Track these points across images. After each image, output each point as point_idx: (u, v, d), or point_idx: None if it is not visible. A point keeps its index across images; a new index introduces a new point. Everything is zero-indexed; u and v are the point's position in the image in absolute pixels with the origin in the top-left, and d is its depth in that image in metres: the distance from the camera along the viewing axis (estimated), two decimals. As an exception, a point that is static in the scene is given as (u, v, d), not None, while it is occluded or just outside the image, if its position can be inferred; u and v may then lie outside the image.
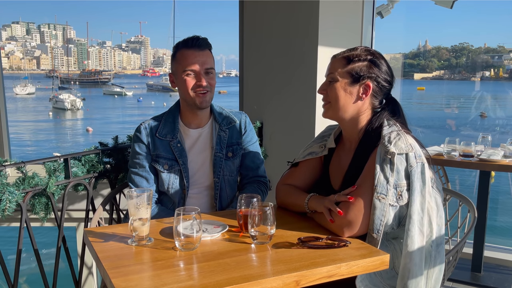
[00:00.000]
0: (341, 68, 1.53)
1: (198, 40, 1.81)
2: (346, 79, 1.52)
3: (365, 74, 1.51)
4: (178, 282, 1.10)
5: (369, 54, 1.53)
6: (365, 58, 1.52)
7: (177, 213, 1.28)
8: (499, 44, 61.46)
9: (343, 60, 1.54)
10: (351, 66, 1.52)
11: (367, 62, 1.52)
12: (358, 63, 1.51)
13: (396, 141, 1.42)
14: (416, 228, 1.39)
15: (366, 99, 1.53)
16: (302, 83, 2.74)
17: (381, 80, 1.52)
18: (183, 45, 1.82)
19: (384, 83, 1.53)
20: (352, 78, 1.52)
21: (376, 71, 1.51)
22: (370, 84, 1.51)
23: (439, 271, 1.46)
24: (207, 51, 1.83)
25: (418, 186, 1.40)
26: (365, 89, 1.52)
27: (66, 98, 32.80)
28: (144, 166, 1.85)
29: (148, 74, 71.27)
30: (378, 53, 1.56)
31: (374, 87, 1.52)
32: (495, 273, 2.92)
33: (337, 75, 1.54)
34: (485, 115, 24.80)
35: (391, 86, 1.57)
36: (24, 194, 1.96)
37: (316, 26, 2.63)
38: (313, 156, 1.68)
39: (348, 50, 1.56)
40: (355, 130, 1.57)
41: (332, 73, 1.55)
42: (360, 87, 1.52)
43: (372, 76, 1.51)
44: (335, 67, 1.55)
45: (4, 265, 1.94)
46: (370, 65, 1.51)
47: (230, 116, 1.96)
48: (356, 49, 1.55)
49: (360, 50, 1.54)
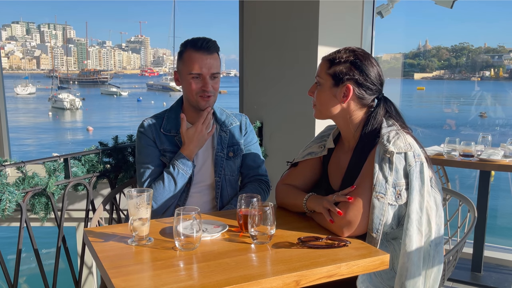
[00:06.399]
0: (325, 71, 1.53)
1: (208, 43, 1.79)
2: (329, 82, 1.51)
3: (345, 76, 1.49)
4: (178, 282, 1.10)
5: (352, 56, 1.50)
6: (347, 60, 1.49)
7: (177, 213, 1.28)
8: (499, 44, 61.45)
9: (327, 62, 1.53)
10: (333, 68, 1.51)
11: (348, 64, 1.49)
12: (339, 66, 1.49)
13: (395, 140, 1.42)
14: (414, 228, 1.39)
15: (350, 100, 1.50)
16: (302, 83, 2.73)
17: (363, 81, 1.49)
18: (191, 46, 1.80)
19: (368, 84, 1.50)
20: (334, 81, 1.51)
21: (356, 73, 1.48)
22: (350, 86, 1.49)
23: (437, 271, 1.46)
24: (215, 55, 1.82)
25: (417, 185, 1.40)
26: (345, 91, 1.49)
27: (65, 97, 32.82)
28: (154, 159, 1.84)
29: (147, 73, 71.28)
30: (363, 54, 1.51)
31: (356, 89, 1.49)
32: (495, 273, 2.93)
33: (322, 77, 1.54)
34: (485, 115, 24.82)
35: (378, 87, 1.53)
36: (24, 194, 1.96)
37: (316, 26, 2.62)
38: (313, 156, 1.68)
39: (334, 52, 1.54)
40: (350, 130, 1.56)
41: (318, 76, 1.55)
42: (341, 90, 1.50)
43: (352, 78, 1.49)
44: (321, 70, 1.55)
45: (4, 265, 1.94)
46: (350, 67, 1.49)
47: (231, 117, 1.97)
48: (339, 51, 1.53)
49: (343, 51, 1.52)
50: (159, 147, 1.86)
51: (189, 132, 1.79)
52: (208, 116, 1.82)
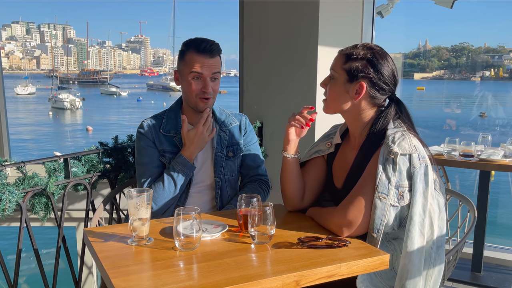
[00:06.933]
0: (340, 65, 1.50)
1: (211, 46, 1.78)
2: (343, 77, 1.50)
3: (360, 74, 1.47)
4: (178, 282, 1.10)
5: (370, 53, 1.47)
6: (364, 56, 1.47)
7: (177, 213, 1.28)
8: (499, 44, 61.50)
9: (343, 57, 1.51)
10: (349, 64, 1.48)
11: (364, 62, 1.47)
12: (356, 62, 1.47)
13: (400, 141, 1.41)
14: (416, 230, 1.39)
15: (362, 99, 1.49)
16: (302, 83, 2.73)
17: (377, 81, 1.47)
18: (194, 48, 1.78)
19: (382, 84, 1.48)
20: (348, 77, 1.49)
21: (371, 72, 1.46)
22: (364, 84, 1.47)
23: (438, 273, 1.45)
24: (217, 58, 1.82)
25: (420, 188, 1.39)
26: (358, 89, 1.48)
27: (66, 97, 32.81)
28: (153, 160, 1.84)
29: (146, 73, 71.28)
30: (380, 52, 1.49)
31: (369, 87, 1.47)
32: (495, 273, 2.92)
33: (336, 71, 1.52)
34: (485, 115, 24.82)
35: (391, 87, 1.51)
36: (24, 194, 1.96)
37: (316, 26, 2.62)
38: (320, 154, 1.67)
39: (351, 47, 1.51)
40: (358, 126, 1.55)
41: (333, 69, 1.53)
42: (355, 87, 1.49)
43: (367, 77, 1.47)
44: (336, 63, 1.53)
45: (4, 265, 1.94)
46: (367, 65, 1.46)
47: (230, 117, 1.97)
48: (357, 46, 1.51)
49: (361, 48, 1.49)
50: (159, 147, 1.86)
51: (190, 134, 1.79)
52: (208, 118, 1.82)
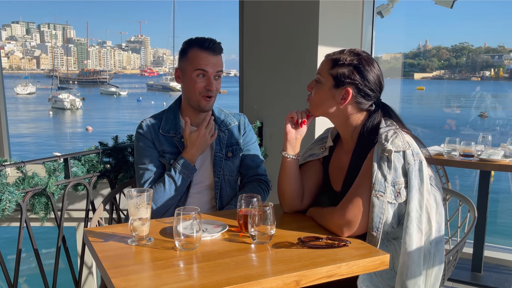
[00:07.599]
0: (327, 70, 1.51)
1: (215, 44, 1.79)
2: (330, 82, 1.51)
3: (346, 80, 1.48)
4: (178, 282, 1.10)
5: (356, 60, 1.48)
6: (350, 63, 1.48)
7: (177, 213, 1.28)
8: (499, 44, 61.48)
9: (330, 62, 1.51)
10: (335, 69, 1.49)
11: (351, 68, 1.48)
12: (342, 68, 1.48)
13: (393, 139, 1.41)
14: (414, 226, 1.39)
15: (347, 104, 1.50)
16: (302, 83, 2.71)
17: (363, 87, 1.48)
18: (197, 45, 1.79)
19: (367, 90, 1.49)
20: (335, 82, 1.50)
21: (358, 78, 1.47)
22: (350, 90, 1.48)
23: (438, 269, 1.46)
24: (220, 56, 1.82)
25: (416, 184, 1.40)
26: (344, 95, 1.49)
27: (66, 97, 32.79)
28: (153, 161, 1.84)
29: (146, 73, 71.29)
30: (367, 58, 1.50)
31: (355, 93, 1.48)
32: (495, 273, 2.92)
33: (323, 76, 1.53)
34: (485, 115, 24.80)
35: (376, 94, 1.52)
36: (24, 194, 1.96)
37: (316, 26, 2.62)
38: (314, 158, 1.68)
39: (338, 52, 1.53)
40: (347, 130, 1.56)
41: (319, 74, 1.54)
42: (341, 92, 1.49)
43: (353, 83, 1.48)
44: (322, 68, 1.53)
45: (4, 265, 1.94)
46: (353, 71, 1.47)
47: (229, 117, 1.97)
48: (344, 51, 1.52)
49: (348, 53, 1.50)
50: (158, 148, 1.86)
51: (192, 136, 1.79)
52: (210, 120, 1.82)
